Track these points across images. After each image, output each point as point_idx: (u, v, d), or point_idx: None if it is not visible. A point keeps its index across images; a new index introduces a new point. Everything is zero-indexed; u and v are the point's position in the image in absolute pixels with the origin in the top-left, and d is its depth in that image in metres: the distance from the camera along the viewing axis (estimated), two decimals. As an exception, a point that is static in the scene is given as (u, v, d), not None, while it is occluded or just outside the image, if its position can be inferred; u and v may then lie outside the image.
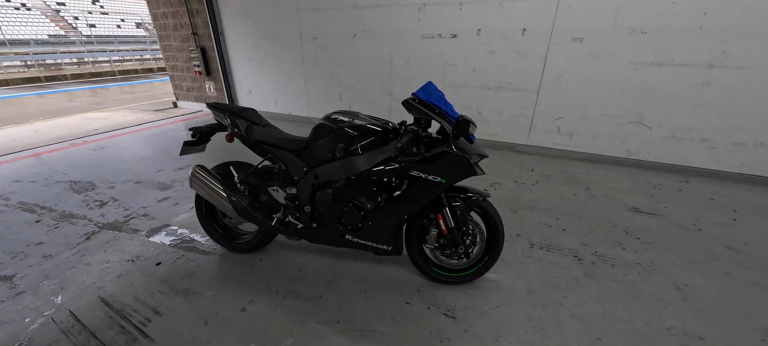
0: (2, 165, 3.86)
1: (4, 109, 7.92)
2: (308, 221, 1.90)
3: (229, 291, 1.91)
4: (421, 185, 1.65)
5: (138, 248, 2.31)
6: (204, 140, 2.09)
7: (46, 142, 4.75)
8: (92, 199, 3.01)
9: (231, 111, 1.95)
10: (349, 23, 4.71)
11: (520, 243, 2.35)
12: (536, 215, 2.71)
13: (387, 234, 1.82)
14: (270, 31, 5.41)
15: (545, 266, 2.11)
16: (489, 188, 3.21)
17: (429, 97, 1.65)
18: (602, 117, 3.75)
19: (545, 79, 3.87)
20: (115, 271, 2.09)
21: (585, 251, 2.26)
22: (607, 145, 3.84)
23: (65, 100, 9.02)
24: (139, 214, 2.75)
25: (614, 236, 2.43)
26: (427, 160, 1.60)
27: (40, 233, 2.49)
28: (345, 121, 1.74)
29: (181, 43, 6.30)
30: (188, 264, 2.14)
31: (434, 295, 1.88)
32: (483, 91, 4.24)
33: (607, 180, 3.39)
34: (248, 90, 6.20)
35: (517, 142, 4.29)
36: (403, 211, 1.74)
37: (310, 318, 1.73)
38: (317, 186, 1.84)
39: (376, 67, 4.80)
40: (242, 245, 2.20)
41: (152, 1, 6.26)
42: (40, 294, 1.90)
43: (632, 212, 2.77)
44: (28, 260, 2.19)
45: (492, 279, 2.00)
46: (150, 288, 1.94)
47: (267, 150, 1.92)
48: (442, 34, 4.21)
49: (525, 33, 3.78)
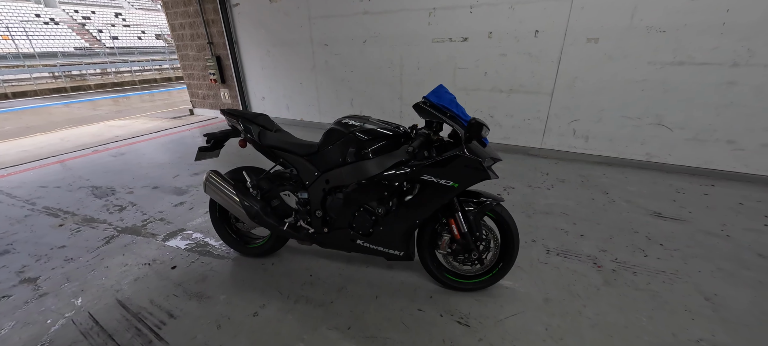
0: (30, 171, 4.03)
1: (34, 118, 8.32)
2: (319, 226, 1.90)
3: (242, 295, 1.92)
4: (432, 190, 1.63)
5: (154, 252, 2.36)
6: (218, 146, 2.13)
7: (70, 149, 4.95)
8: (112, 204, 3.11)
9: (244, 117, 1.98)
10: (360, 29, 4.75)
11: (536, 249, 2.28)
12: (552, 220, 2.64)
13: (398, 239, 1.80)
14: (283, 39, 5.51)
15: (563, 273, 2.04)
16: (502, 192, 3.15)
17: (440, 101, 1.64)
18: (620, 119, 3.63)
19: (559, 81, 3.79)
20: (132, 274, 2.14)
21: (605, 257, 2.18)
22: (625, 147, 3.72)
23: (89, 109, 9.41)
24: (156, 218, 2.82)
25: (636, 242, 2.34)
26: (438, 164, 1.58)
27: (63, 237, 2.58)
28: (356, 126, 1.73)
29: (198, 52, 6.49)
30: (202, 268, 2.17)
31: (447, 302, 1.84)
32: (495, 94, 4.19)
33: (626, 184, 3.27)
34: (262, 96, 6.31)
35: (530, 145, 4.20)
36: (415, 216, 1.71)
37: (321, 324, 1.72)
38: (328, 191, 1.84)
39: (386, 72, 4.81)
40: (255, 249, 2.21)
41: (171, 13, 6.49)
42: (62, 296, 1.96)
43: (654, 217, 2.66)
44: (51, 263, 2.27)
45: (507, 286, 1.94)
46: (165, 291, 1.98)
47: (279, 155, 1.93)
48: (452, 38, 4.19)
49: (538, 35, 3.72)
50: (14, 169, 4.09)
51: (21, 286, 2.05)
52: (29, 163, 4.35)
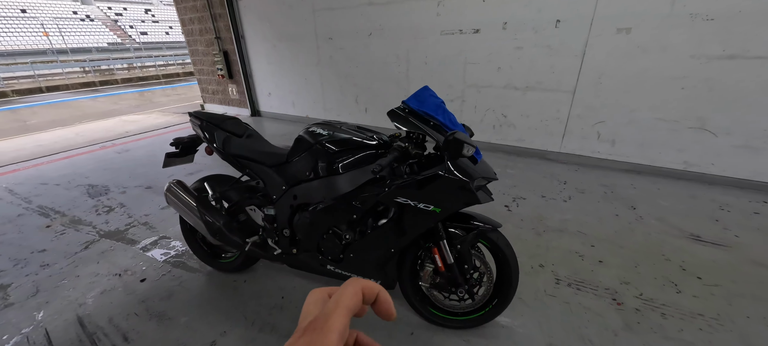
0: (39, 167, 4.10)
1: (60, 111, 8.68)
2: (287, 246, 1.68)
3: (204, 318, 1.75)
4: (410, 214, 1.36)
5: (129, 261, 2.24)
6: (188, 152, 1.96)
7: (81, 144, 5.04)
8: (102, 204, 3.05)
9: (209, 121, 1.79)
10: (365, 22, 4.47)
11: (543, 276, 1.96)
12: (566, 241, 2.29)
13: (373, 268, 1.55)
14: (287, 32, 5.33)
15: (573, 311, 1.72)
16: (511, 203, 2.81)
17: (422, 107, 1.36)
18: (653, 121, 3.17)
19: (583, 77, 3.36)
20: (100, 285, 2.02)
21: (627, 292, 1.83)
22: (658, 154, 3.25)
23: (111, 103, 9.73)
24: (140, 222, 2.72)
25: (667, 272, 1.96)
26: (416, 185, 1.31)
27: (46, 240, 2.52)
28: (324, 135, 1.49)
29: (206, 47, 6.45)
30: (171, 283, 2.02)
31: (430, 341, 1.58)
32: (509, 91, 3.80)
33: (658, 197, 2.84)
34: (268, 92, 6.19)
35: (548, 149, 3.80)
36: (390, 244, 1.46)
37: (282, 361, 1.51)
38: (296, 207, 1.62)
39: (392, 68, 4.52)
40: (226, 264, 2.04)
41: (180, 7, 6.47)
42: (26, 308, 1.87)
43: (691, 240, 2.25)
44: (27, 269, 2.20)
45: (503, 325, 1.65)
46: (128, 308, 1.84)
47: (245, 165, 1.72)
48: (463, 30, 3.83)
49: (559, 25, 3.30)
50: (24, 165, 4.18)
51: (-10, 294, 1.98)
52: (40, 158, 4.44)
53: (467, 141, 1.13)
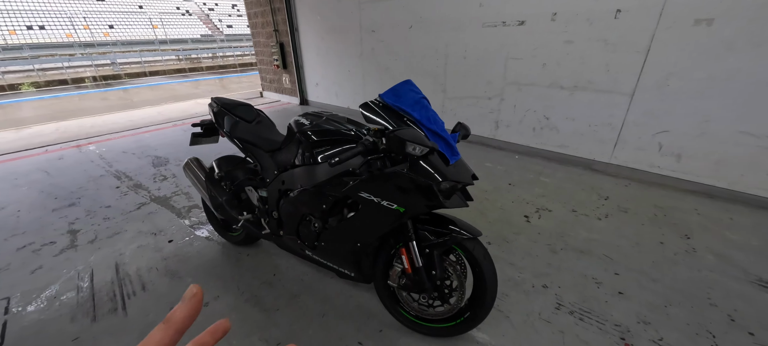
0: (125, 138, 4.95)
1: (158, 92, 10.29)
2: (275, 228, 1.79)
3: (205, 282, 1.96)
4: (374, 211, 1.33)
5: (165, 223, 2.60)
6: (212, 133, 2.18)
7: (161, 121, 5.92)
8: (160, 173, 3.57)
9: (222, 105, 1.96)
10: (406, 14, 4.40)
11: (544, 299, 1.76)
12: (585, 263, 2.01)
13: (344, 259, 1.56)
14: (335, 25, 5.52)
15: (566, 342, 1.52)
16: (533, 213, 2.56)
17: (397, 102, 1.31)
18: (735, 135, 2.57)
19: (645, 77, 2.86)
20: (138, 241, 2.39)
21: (642, 333, 1.55)
22: (740, 176, 2.63)
23: (193, 87, 11.22)
24: (183, 192, 3.12)
25: (706, 320, 1.61)
26: (380, 181, 1.28)
27: (113, 198, 3.05)
28: (306, 124, 1.53)
29: (266, 39, 7.01)
30: (189, 248, 2.29)
31: (397, 342, 1.54)
32: (553, 91, 3.42)
33: (727, 229, 2.31)
34: (316, 83, 6.52)
35: (595, 158, 3.34)
36: (355, 238, 1.45)
37: (256, 331, 1.62)
38: (283, 192, 1.70)
39: (430, 62, 4.39)
40: (233, 237, 2.24)
41: (248, 2, 7.11)
42: (84, 251, 2.30)
43: (757, 287, 1.80)
44: (94, 219, 2.70)
45: (479, 340, 1.53)
46: (152, 263, 2.14)
47: (247, 148, 1.86)
48: (506, 22, 3.54)
49: (619, 15, 2.85)
50: (117, 135, 5.08)
51: (65, 236, 2.48)
52: (130, 130, 5.35)
53: (415, 140, 1.06)
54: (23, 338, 1.63)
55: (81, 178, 3.52)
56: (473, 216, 2.53)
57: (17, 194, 3.18)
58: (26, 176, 3.63)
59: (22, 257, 2.25)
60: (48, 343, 1.61)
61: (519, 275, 1.93)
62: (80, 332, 1.65)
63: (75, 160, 4.08)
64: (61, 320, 1.73)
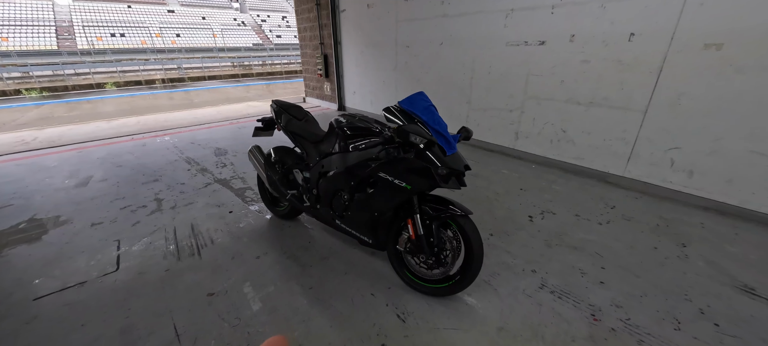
0: (193, 132, 5.85)
1: (215, 95, 11.62)
2: (314, 202, 2.28)
3: (257, 242, 2.50)
4: (387, 187, 1.76)
5: (226, 199, 3.22)
6: (269, 128, 2.75)
7: (219, 119, 6.85)
8: (221, 161, 4.29)
9: (280, 106, 2.52)
10: (438, 32, 4.84)
11: (530, 279, 2.06)
12: (575, 257, 2.27)
13: (364, 227, 2.00)
14: (374, 40, 6.09)
15: (542, 312, 1.82)
16: (537, 215, 2.82)
17: (411, 107, 1.74)
18: (746, 154, 2.66)
19: (657, 95, 3.03)
20: (207, 210, 3.01)
21: (612, 313, 1.80)
22: (752, 194, 2.70)
23: (244, 91, 12.47)
24: (239, 176, 3.78)
25: (677, 310, 1.82)
26: (393, 164, 1.71)
27: (186, 178, 3.77)
28: (343, 122, 2.01)
29: (312, 50, 7.80)
30: (244, 218, 2.87)
31: (401, 297, 1.94)
32: (571, 106, 3.64)
33: (728, 242, 2.43)
34: (353, 91, 7.13)
35: (609, 171, 3.50)
36: (374, 209, 1.88)
37: (294, 278, 2.10)
38: (322, 174, 2.19)
39: (458, 76, 4.76)
40: (279, 211, 2.78)
41: (300, 18, 7.98)
42: (168, 214, 2.96)
43: (738, 291, 1.95)
44: (173, 192, 3.40)
45: (468, 302, 1.89)
46: (217, 226, 2.74)
47: (297, 140, 2.39)
48: (528, 42, 3.84)
49: (633, 38, 3.06)
50: (185, 129, 6.01)
51: (153, 202, 3.19)
52: (194, 126, 6.29)
53: (418, 133, 1.48)
54: (131, 266, 2.26)
55: (160, 161, 4.34)
56: (481, 213, 2.86)
57: (115, 171, 4.03)
58: (120, 156, 4.54)
59: (125, 214, 2.96)
60: (148, 268, 2.21)
61: (513, 260, 2.24)
62: (170, 266, 2.25)
63: (154, 147, 4.97)
64: (156, 257, 2.34)
